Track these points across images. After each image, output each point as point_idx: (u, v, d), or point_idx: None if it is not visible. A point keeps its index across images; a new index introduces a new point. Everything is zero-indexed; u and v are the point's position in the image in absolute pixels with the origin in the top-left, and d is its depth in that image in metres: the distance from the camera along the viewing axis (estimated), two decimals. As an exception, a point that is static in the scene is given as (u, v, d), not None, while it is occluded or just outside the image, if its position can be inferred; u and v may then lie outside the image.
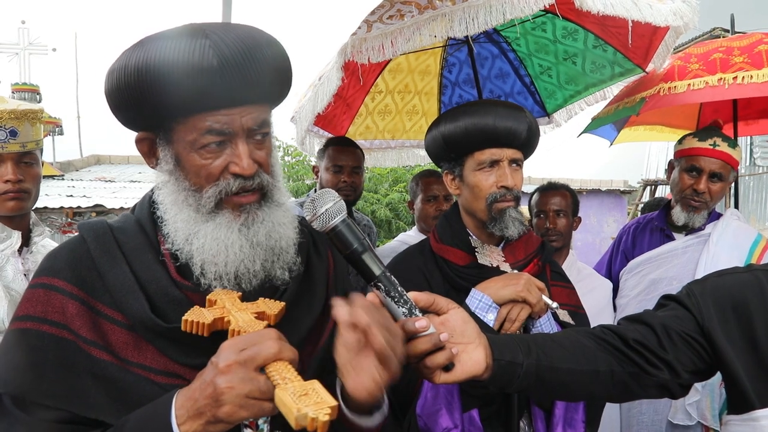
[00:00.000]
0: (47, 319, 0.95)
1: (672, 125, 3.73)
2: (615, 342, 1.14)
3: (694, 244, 2.42)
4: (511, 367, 1.03)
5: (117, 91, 0.96)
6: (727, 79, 2.39)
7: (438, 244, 1.62)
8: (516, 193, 1.55)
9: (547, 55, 3.04)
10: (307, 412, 0.74)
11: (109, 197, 7.83)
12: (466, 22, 1.73)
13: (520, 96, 3.27)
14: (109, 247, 1.00)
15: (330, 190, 0.97)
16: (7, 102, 1.82)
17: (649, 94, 2.61)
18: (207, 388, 0.81)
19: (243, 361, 0.81)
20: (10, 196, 1.77)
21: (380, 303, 0.95)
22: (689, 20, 2.29)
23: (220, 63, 0.90)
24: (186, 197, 0.99)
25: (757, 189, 10.06)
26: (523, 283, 1.43)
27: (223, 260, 0.97)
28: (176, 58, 0.90)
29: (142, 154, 1.05)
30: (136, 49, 0.94)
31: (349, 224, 0.95)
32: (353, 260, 0.95)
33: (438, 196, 2.84)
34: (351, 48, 1.83)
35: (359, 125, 3.29)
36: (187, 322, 0.90)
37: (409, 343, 0.93)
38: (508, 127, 1.51)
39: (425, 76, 3.25)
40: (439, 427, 1.35)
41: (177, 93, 0.91)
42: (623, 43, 2.75)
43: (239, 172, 0.97)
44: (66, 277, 0.98)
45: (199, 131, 0.95)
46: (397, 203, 9.35)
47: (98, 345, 0.94)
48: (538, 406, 1.48)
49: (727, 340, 1.10)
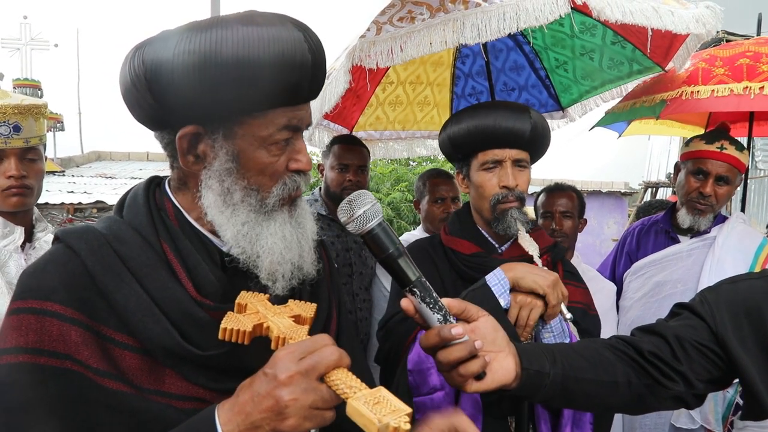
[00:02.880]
0: (44, 349, 0.83)
1: (682, 121, 3.68)
2: (631, 353, 1.13)
3: (699, 247, 2.41)
4: (539, 376, 1.02)
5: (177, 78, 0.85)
6: (754, 89, 2.32)
7: (447, 236, 1.67)
8: (519, 193, 1.56)
9: (563, 50, 2.99)
10: (389, 422, 0.72)
11: (110, 193, 7.82)
12: (478, 29, 1.70)
13: (535, 89, 3.24)
14: (111, 263, 0.89)
15: (366, 192, 0.95)
16: (10, 96, 1.80)
17: (670, 97, 2.55)
18: (264, 401, 0.76)
19: (305, 371, 0.77)
20: (13, 192, 1.76)
21: (414, 309, 0.94)
22: (712, 27, 2.20)
23: (313, 59, 0.90)
24: (243, 197, 0.93)
25: (759, 192, 10.05)
26: (552, 280, 1.40)
27: (288, 258, 0.96)
28: (272, 49, 0.85)
29: (179, 151, 0.93)
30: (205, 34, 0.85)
31: (385, 227, 0.93)
32: (388, 264, 0.93)
33: (446, 197, 2.80)
34: (360, 52, 1.81)
35: (369, 116, 3.26)
36: (226, 330, 0.85)
37: (444, 351, 0.92)
38: (509, 127, 1.53)
39: (438, 67, 3.21)
40: (427, 385, 1.35)
41: (268, 85, 0.86)
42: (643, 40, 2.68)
43: (301, 168, 0.96)
44: (61, 299, 0.85)
45: (277, 126, 0.91)
46: (399, 202, 9.35)
47: (112, 375, 0.85)
48: (543, 407, 1.46)
49: (742, 348, 1.09)
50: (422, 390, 1.36)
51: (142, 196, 0.99)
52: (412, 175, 9.65)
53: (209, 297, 0.93)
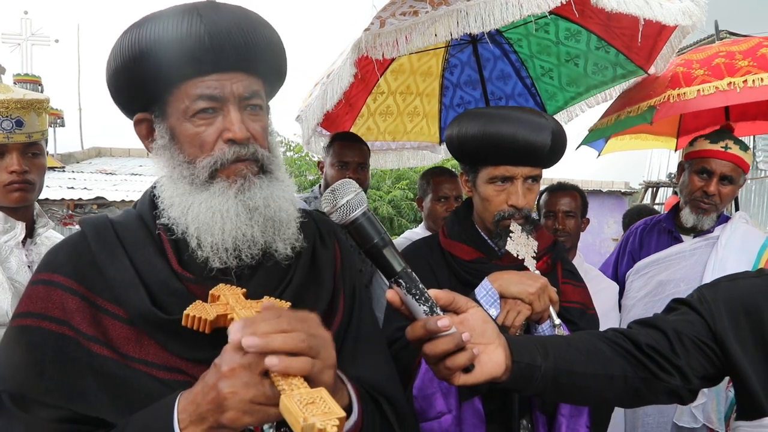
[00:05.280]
0: (47, 315, 0.94)
1: (655, 132, 3.70)
2: (628, 346, 1.12)
3: (702, 246, 2.40)
4: (530, 369, 1.00)
5: (115, 73, 0.99)
6: (737, 83, 2.35)
7: (446, 239, 1.61)
8: (526, 212, 1.48)
9: (549, 57, 3.04)
10: (314, 422, 0.70)
11: (110, 190, 7.82)
12: (481, 18, 1.70)
13: (521, 98, 3.28)
14: (109, 242, 0.99)
15: (350, 181, 0.93)
16: (13, 91, 1.79)
17: (657, 102, 2.55)
18: (210, 393, 0.77)
19: (247, 364, 0.76)
20: (15, 188, 1.75)
21: (400, 300, 0.92)
22: (697, 20, 2.28)
23: (207, 28, 0.93)
24: (181, 171, 0.99)
25: (760, 193, 10.03)
26: (538, 287, 1.38)
27: (219, 228, 0.96)
28: (166, 28, 0.93)
29: (140, 138, 1.06)
30: (131, 30, 0.97)
31: (369, 217, 0.91)
32: (373, 255, 0.91)
33: (449, 196, 2.79)
34: (365, 43, 1.81)
35: (360, 126, 3.28)
36: (188, 317, 0.87)
37: (430, 343, 0.90)
38: (528, 142, 1.40)
39: (427, 78, 3.24)
40: (433, 410, 1.34)
41: (167, 62, 0.94)
42: (626, 44, 2.73)
43: (231, 137, 0.96)
44: (66, 272, 0.97)
45: (191, 98, 0.96)
46: (400, 200, 9.36)
47: (98, 340, 0.93)
48: (540, 410, 1.46)
49: (740, 346, 1.09)
50: (429, 415, 1.34)
51: (150, 190, 1.08)
52: (413, 174, 9.65)
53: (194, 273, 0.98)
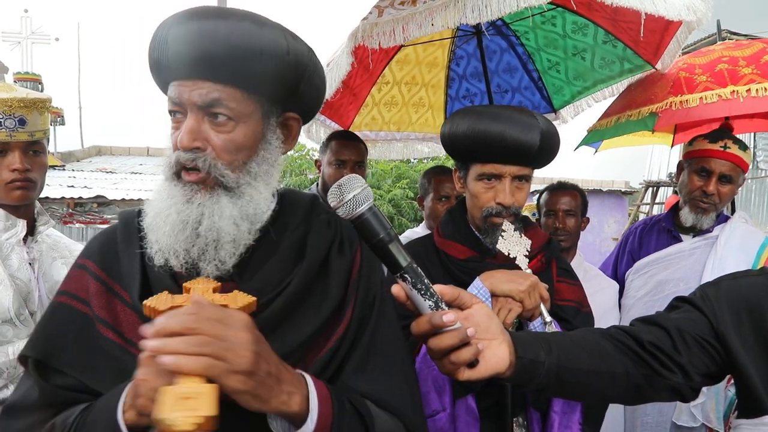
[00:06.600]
0: (78, 296, 1.02)
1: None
2: (630, 344, 1.12)
3: (702, 245, 2.41)
4: (533, 365, 1.01)
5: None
6: (741, 92, 2.33)
7: (440, 238, 1.62)
8: (514, 210, 1.49)
9: (556, 50, 3.02)
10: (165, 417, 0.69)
11: (110, 188, 7.82)
12: (479, 9, 1.68)
13: (528, 91, 3.25)
14: (130, 233, 1.06)
15: (357, 176, 0.92)
16: (16, 90, 1.80)
17: (659, 108, 2.52)
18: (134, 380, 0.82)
19: None
20: (17, 186, 1.75)
21: (405, 295, 0.92)
22: (702, 15, 2.25)
23: (173, 36, 0.95)
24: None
25: (760, 192, 10.03)
26: (528, 284, 1.39)
27: (163, 233, 0.97)
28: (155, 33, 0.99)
29: None
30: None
31: (375, 212, 0.91)
32: (379, 250, 0.90)
33: (450, 195, 2.78)
34: (362, 32, 1.80)
35: (365, 116, 3.26)
36: (146, 306, 0.87)
37: (435, 338, 0.90)
38: (516, 141, 1.43)
39: (432, 68, 3.22)
40: (428, 408, 1.34)
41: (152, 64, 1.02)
42: (634, 38, 2.70)
43: (177, 144, 0.96)
44: (95, 259, 1.05)
45: (169, 101, 1.00)
46: (400, 200, 9.36)
47: (106, 323, 0.99)
48: (534, 407, 1.47)
49: (741, 344, 1.09)
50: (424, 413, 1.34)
51: None
52: (414, 173, 9.66)
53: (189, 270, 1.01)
